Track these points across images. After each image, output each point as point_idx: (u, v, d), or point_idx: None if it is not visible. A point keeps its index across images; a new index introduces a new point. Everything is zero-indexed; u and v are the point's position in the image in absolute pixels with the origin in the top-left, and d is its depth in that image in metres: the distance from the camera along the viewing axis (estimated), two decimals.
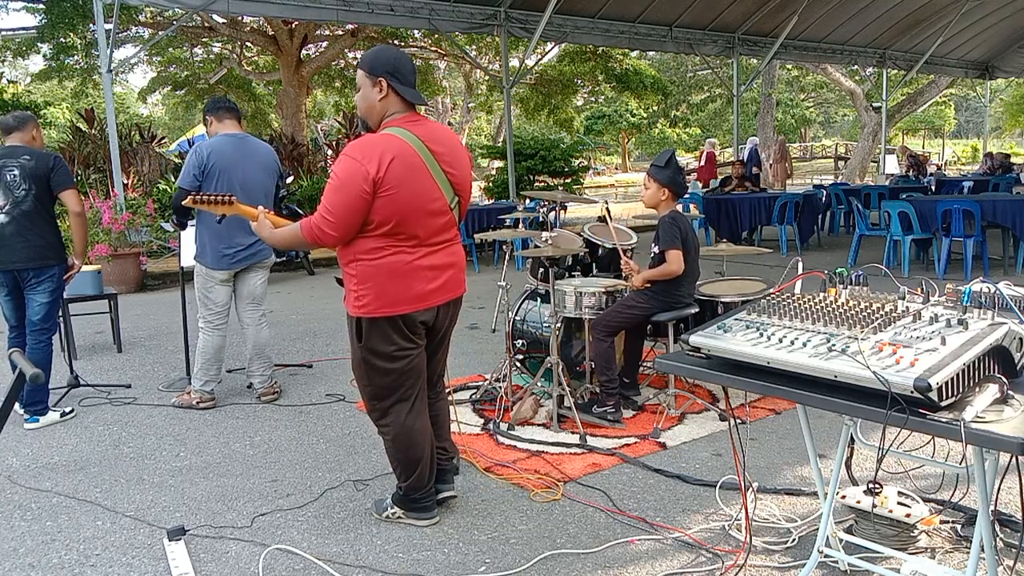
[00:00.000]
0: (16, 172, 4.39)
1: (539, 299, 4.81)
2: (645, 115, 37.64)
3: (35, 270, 4.44)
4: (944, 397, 1.77)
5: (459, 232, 3.18)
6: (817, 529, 2.61)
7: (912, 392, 1.77)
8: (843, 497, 2.83)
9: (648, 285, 4.21)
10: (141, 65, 24.44)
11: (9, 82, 20.45)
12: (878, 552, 2.61)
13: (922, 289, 2.19)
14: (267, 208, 4.68)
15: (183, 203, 3.17)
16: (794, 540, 2.93)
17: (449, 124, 30.89)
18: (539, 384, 4.57)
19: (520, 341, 4.77)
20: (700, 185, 15.71)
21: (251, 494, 3.52)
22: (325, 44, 18.02)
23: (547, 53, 17.99)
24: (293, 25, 15.88)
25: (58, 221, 4.66)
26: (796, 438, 3.97)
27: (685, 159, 32.95)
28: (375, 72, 2.87)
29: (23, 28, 18.48)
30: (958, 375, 1.79)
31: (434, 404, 3.27)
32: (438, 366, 3.27)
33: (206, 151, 4.53)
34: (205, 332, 4.72)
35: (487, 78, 23.33)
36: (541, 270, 4.83)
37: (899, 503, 2.77)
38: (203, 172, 4.50)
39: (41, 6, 13.39)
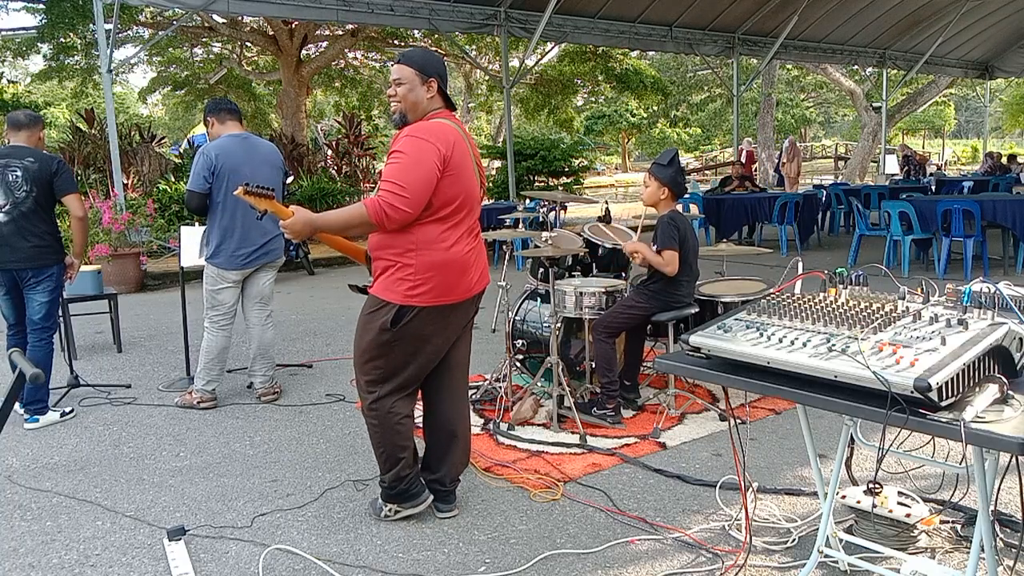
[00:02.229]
0: (19, 173, 4.39)
1: (539, 299, 4.81)
2: (645, 115, 37.62)
3: (33, 270, 4.45)
4: (944, 397, 1.77)
5: None
6: (817, 529, 2.61)
7: (912, 392, 1.77)
8: (843, 497, 2.83)
9: (637, 255, 4.16)
10: (141, 65, 24.45)
11: (9, 82, 20.44)
12: (878, 552, 2.61)
13: (922, 289, 2.19)
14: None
15: (234, 193, 3.11)
16: (794, 540, 2.93)
17: None
18: (539, 384, 4.57)
19: (520, 341, 4.77)
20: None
21: (251, 494, 3.52)
22: (325, 44, 18.01)
23: (547, 53, 17.98)
24: (293, 25, 15.87)
25: (58, 221, 4.67)
26: (796, 438, 3.97)
27: (685, 159, 32.93)
28: (427, 72, 2.98)
29: (23, 28, 18.48)
30: (958, 375, 1.79)
31: (455, 401, 3.25)
32: (465, 352, 3.28)
33: (214, 152, 4.54)
34: (210, 332, 4.72)
35: (487, 78, 23.34)
36: (541, 270, 4.83)
37: (899, 503, 2.77)
38: (212, 173, 4.51)
39: (41, 6, 13.38)
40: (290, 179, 11.82)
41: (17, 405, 4.34)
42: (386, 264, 2.98)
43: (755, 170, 17.74)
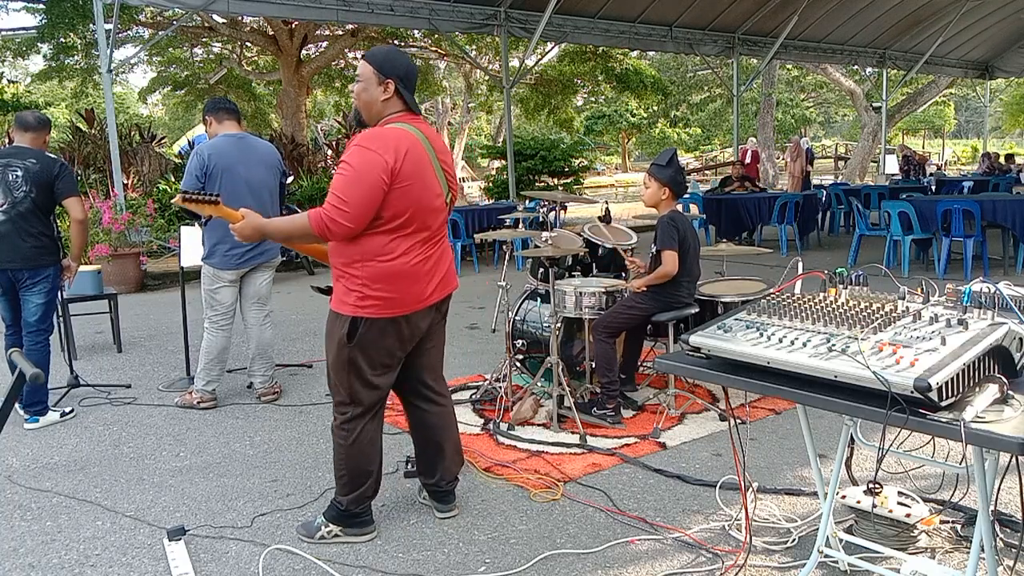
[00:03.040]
0: (19, 173, 4.39)
1: (539, 299, 4.81)
2: (645, 115, 37.60)
3: (30, 271, 4.44)
4: (944, 397, 1.77)
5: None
6: (817, 529, 2.61)
7: (912, 392, 1.77)
8: (843, 497, 2.83)
9: (633, 276, 4.21)
10: (141, 65, 24.43)
11: (9, 82, 20.43)
12: (878, 552, 2.61)
13: (922, 289, 2.19)
14: (273, 205, 4.72)
15: (172, 201, 3.13)
16: (794, 540, 2.93)
17: (449, 124, 30.89)
18: (539, 384, 4.57)
19: (520, 341, 4.77)
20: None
21: (251, 494, 3.52)
22: (325, 44, 18.01)
23: (547, 53, 17.99)
24: (293, 25, 15.88)
25: (58, 221, 4.67)
26: (796, 438, 3.97)
27: (685, 159, 32.91)
28: (385, 72, 2.87)
29: (23, 28, 18.48)
30: (958, 375, 1.79)
31: (436, 409, 3.20)
32: (437, 357, 3.21)
33: (207, 152, 4.53)
34: (210, 332, 4.72)
35: (487, 78, 23.33)
36: (541, 270, 4.83)
37: (899, 503, 2.77)
38: (205, 173, 4.50)
39: (41, 6, 13.38)
40: (290, 179, 11.84)
41: (17, 405, 4.34)
42: (337, 273, 2.91)
43: (759, 170, 17.88)
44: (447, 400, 3.27)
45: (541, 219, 5.66)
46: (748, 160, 17.58)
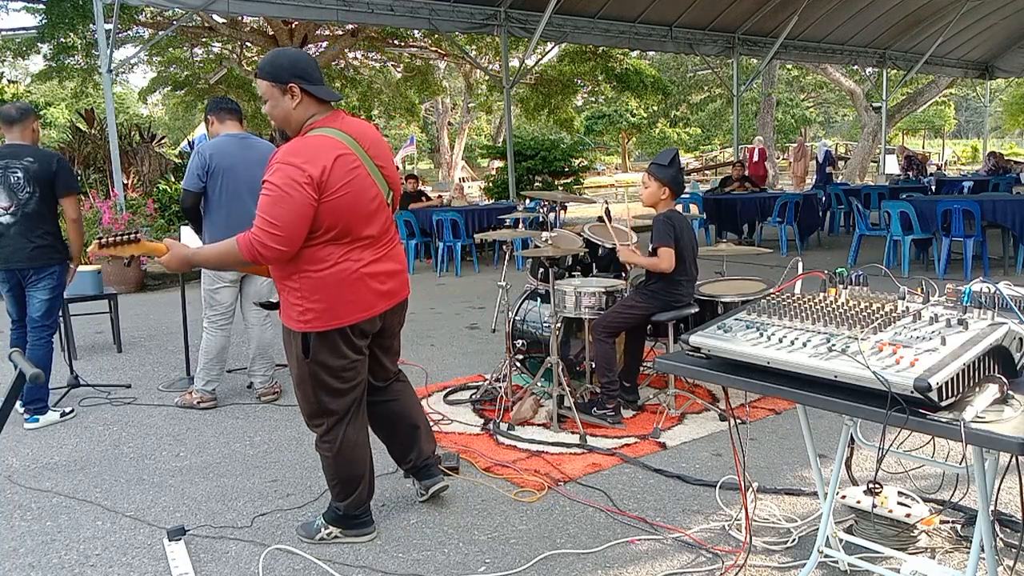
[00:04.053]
0: (20, 175, 4.39)
1: (539, 299, 4.81)
2: (645, 115, 37.60)
3: (36, 269, 4.46)
4: (944, 397, 1.77)
5: (398, 231, 3.08)
6: (817, 529, 2.61)
7: (912, 392, 1.77)
8: (843, 497, 2.83)
9: (632, 264, 4.18)
10: (141, 65, 24.46)
11: (9, 82, 20.43)
12: (878, 552, 2.61)
13: (922, 289, 2.18)
14: None
15: (88, 250, 3.01)
16: (794, 540, 2.93)
17: (449, 124, 30.89)
18: (539, 384, 4.57)
19: (520, 341, 4.77)
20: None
21: (251, 494, 3.52)
22: (325, 44, 18.00)
23: (547, 53, 17.98)
24: (293, 25, 15.87)
25: (60, 220, 4.67)
26: (796, 438, 3.97)
27: (685, 159, 32.88)
28: (281, 79, 2.72)
29: (23, 28, 18.48)
30: (958, 375, 1.79)
31: (394, 401, 3.18)
32: (391, 366, 3.16)
33: (208, 152, 4.54)
34: (209, 332, 4.73)
35: (487, 78, 23.33)
36: (541, 270, 4.83)
37: (899, 503, 2.77)
38: (207, 173, 4.51)
39: (41, 6, 13.38)
40: None
41: (17, 405, 4.34)
42: (279, 286, 2.82)
43: (766, 167, 18.06)
44: (404, 376, 3.24)
45: (541, 219, 5.66)
46: (756, 158, 17.77)
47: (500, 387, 4.55)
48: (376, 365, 3.08)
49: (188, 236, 5.17)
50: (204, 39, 18.68)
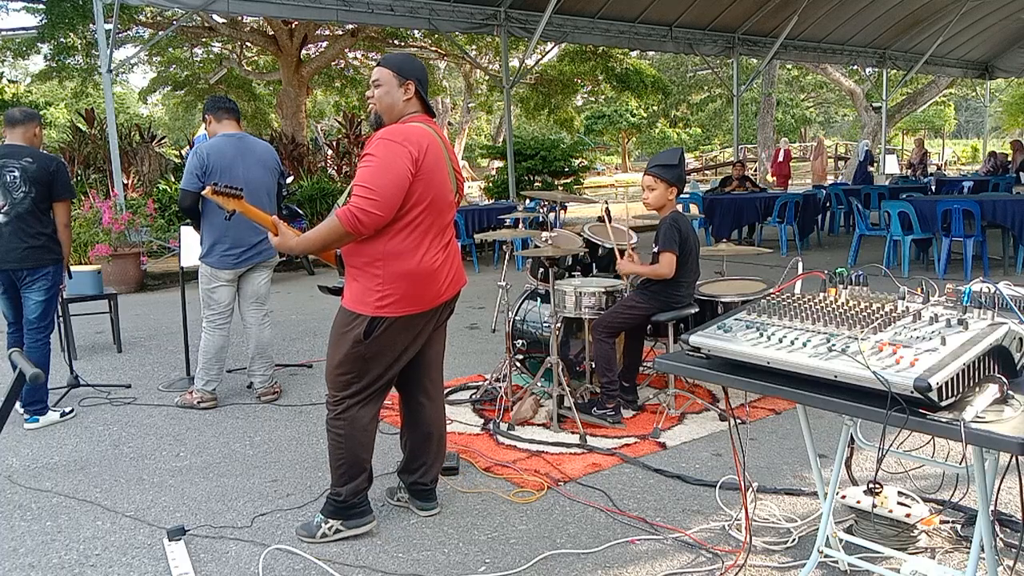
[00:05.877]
0: (16, 174, 4.39)
1: (539, 299, 4.81)
2: (645, 115, 37.60)
3: (29, 270, 4.45)
4: (944, 397, 1.77)
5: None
6: (817, 529, 2.61)
7: (912, 392, 1.77)
8: (843, 497, 2.83)
9: (633, 276, 4.19)
10: (141, 65, 24.45)
11: (9, 82, 20.44)
12: (878, 552, 2.61)
13: (922, 289, 2.19)
14: (271, 205, 4.72)
15: (203, 192, 3.13)
16: (794, 540, 2.93)
17: (449, 124, 30.88)
18: (539, 384, 4.57)
19: (520, 341, 4.77)
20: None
21: (251, 494, 3.52)
22: (325, 44, 18.01)
23: (547, 53, 17.99)
24: (293, 25, 15.87)
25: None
26: (796, 438, 3.97)
27: (685, 159, 32.79)
28: (405, 75, 2.98)
29: (23, 28, 18.48)
30: (958, 375, 1.79)
31: (432, 404, 3.24)
32: (440, 353, 3.28)
33: (205, 151, 4.54)
34: (208, 332, 4.73)
35: (487, 78, 23.33)
36: (541, 270, 4.83)
37: (899, 503, 2.77)
38: (205, 172, 4.51)
39: (41, 6, 13.38)
40: (290, 179, 11.87)
41: (17, 405, 4.34)
42: (355, 272, 2.95)
43: (789, 167, 18.41)
44: (441, 396, 3.34)
45: (541, 219, 5.66)
46: (781, 158, 18.04)
47: (500, 387, 4.55)
48: (426, 366, 3.21)
49: (188, 236, 5.17)
50: (204, 39, 18.69)
